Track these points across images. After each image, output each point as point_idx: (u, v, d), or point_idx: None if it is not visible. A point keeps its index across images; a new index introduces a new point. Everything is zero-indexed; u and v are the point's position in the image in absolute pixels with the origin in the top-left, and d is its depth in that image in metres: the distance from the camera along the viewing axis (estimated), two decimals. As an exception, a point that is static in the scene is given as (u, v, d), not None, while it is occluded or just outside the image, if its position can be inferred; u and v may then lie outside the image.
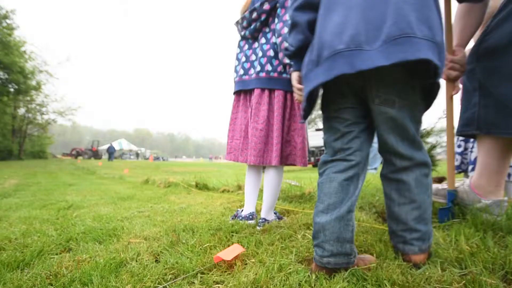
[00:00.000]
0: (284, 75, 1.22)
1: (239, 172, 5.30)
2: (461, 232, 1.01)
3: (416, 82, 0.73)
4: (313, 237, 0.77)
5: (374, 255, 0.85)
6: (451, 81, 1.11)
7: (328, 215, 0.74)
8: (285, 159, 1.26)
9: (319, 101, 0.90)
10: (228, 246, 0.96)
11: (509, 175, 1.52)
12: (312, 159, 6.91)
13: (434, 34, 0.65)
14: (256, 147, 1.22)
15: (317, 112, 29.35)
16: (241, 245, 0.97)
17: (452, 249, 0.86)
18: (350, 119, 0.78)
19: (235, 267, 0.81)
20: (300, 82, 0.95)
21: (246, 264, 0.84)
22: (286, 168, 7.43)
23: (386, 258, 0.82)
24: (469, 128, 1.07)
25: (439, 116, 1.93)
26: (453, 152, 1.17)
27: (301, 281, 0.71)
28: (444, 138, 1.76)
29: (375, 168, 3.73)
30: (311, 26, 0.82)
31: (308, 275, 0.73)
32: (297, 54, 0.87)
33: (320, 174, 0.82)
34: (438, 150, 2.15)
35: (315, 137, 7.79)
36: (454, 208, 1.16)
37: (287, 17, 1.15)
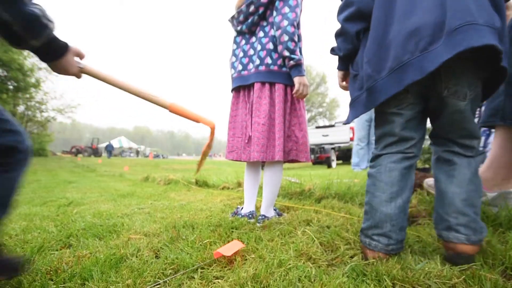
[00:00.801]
0: (284, 69, 1.20)
1: (238, 170, 5.30)
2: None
3: (480, 73, 0.74)
4: (375, 227, 0.80)
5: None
6: None
7: (392, 204, 0.78)
8: (287, 155, 1.24)
9: (318, 100, 0.92)
10: (228, 242, 0.97)
11: None
12: (312, 156, 6.89)
13: (494, 21, 0.66)
14: (259, 142, 1.19)
15: (317, 110, 29.39)
16: (241, 241, 0.97)
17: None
18: (410, 114, 0.80)
19: (235, 262, 0.81)
20: (344, 80, 1.01)
21: (246, 259, 0.84)
22: (286, 165, 7.43)
23: (389, 255, 0.82)
24: (494, 118, 1.05)
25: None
26: None
27: (300, 276, 0.71)
28: None
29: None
30: (359, 35, 0.85)
31: (308, 270, 0.73)
32: (345, 58, 0.92)
33: (373, 166, 0.85)
34: None
35: (315, 135, 7.77)
36: None
37: (286, 9, 1.13)
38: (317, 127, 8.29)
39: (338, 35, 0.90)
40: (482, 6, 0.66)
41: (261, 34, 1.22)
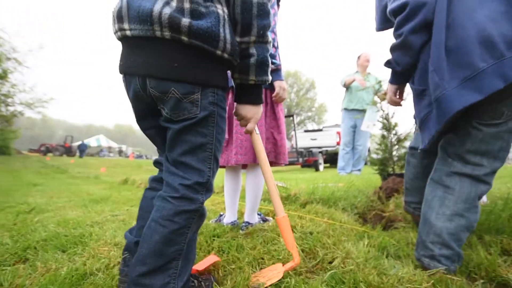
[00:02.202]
0: None
1: (224, 172, 5.20)
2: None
3: None
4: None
5: (355, 255, 0.85)
6: None
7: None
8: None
9: (307, 104, 0.92)
10: (208, 252, 0.92)
11: None
12: (301, 159, 6.97)
13: None
14: (242, 145, 1.17)
15: (306, 114, 30.11)
16: (222, 250, 0.93)
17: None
18: None
19: (216, 274, 0.77)
20: (396, 94, 0.99)
21: (226, 271, 0.80)
22: (274, 168, 7.42)
23: (367, 260, 0.83)
24: None
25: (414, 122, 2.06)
26: None
27: (279, 287, 0.68)
28: None
29: (359, 170, 3.86)
30: (423, 48, 0.79)
31: (288, 280, 0.71)
32: (403, 72, 0.87)
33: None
34: None
35: (304, 138, 7.87)
36: None
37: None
38: (306, 131, 8.42)
39: (398, 48, 0.80)
40: None
41: None
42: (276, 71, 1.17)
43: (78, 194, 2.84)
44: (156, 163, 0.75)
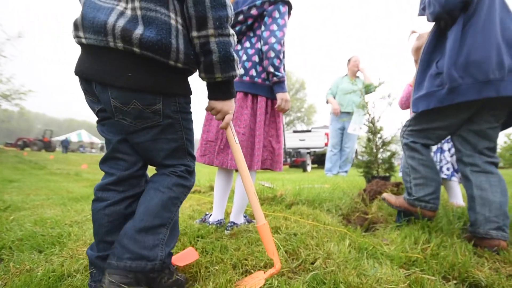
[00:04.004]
0: (267, 82, 1.23)
1: (212, 172, 5.16)
2: (411, 234, 1.12)
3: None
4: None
5: (336, 256, 0.88)
6: None
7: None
8: (262, 164, 1.27)
9: (296, 105, 0.96)
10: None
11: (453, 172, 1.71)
12: (289, 160, 7.04)
13: None
14: None
15: (295, 114, 30.40)
16: (206, 251, 0.93)
17: (401, 250, 0.94)
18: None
19: (199, 275, 0.77)
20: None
21: (209, 271, 0.80)
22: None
23: (347, 260, 0.86)
24: None
25: (399, 127, 2.15)
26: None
27: (262, 288, 0.70)
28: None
29: (346, 172, 3.95)
30: (466, 5, 1.01)
31: (271, 281, 0.73)
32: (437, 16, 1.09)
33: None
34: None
35: (292, 139, 7.95)
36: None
37: (274, 27, 1.17)
38: (295, 132, 8.51)
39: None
40: None
41: (247, 44, 1.24)
42: (279, 83, 1.20)
43: (57, 191, 2.72)
44: (106, 162, 0.71)
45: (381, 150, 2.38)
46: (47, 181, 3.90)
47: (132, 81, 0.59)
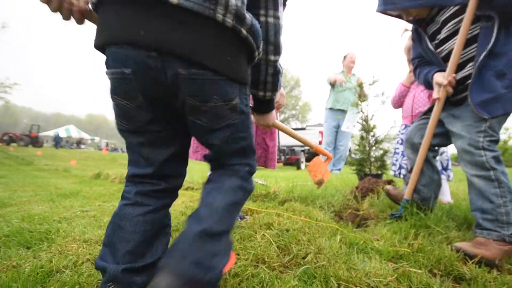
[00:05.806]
0: None
1: (205, 168, 5.13)
2: (400, 229, 1.15)
3: None
4: None
5: (326, 251, 0.90)
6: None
7: None
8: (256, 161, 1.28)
9: (291, 103, 0.99)
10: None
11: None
12: (283, 157, 7.07)
13: None
14: None
15: (290, 112, 30.44)
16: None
17: (390, 244, 0.97)
18: None
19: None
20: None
21: (202, 267, 0.80)
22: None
23: (338, 255, 0.88)
24: None
25: (391, 125, 2.19)
26: (421, 164, 1.26)
27: (255, 286, 0.71)
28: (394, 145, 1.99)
29: (339, 169, 3.98)
30: None
31: (262, 276, 0.74)
32: None
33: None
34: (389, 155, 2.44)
35: (286, 136, 7.97)
36: (401, 214, 1.31)
37: None
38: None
39: None
40: None
41: None
42: None
43: (45, 187, 2.64)
44: (135, 177, 0.58)
45: (374, 148, 2.42)
46: (35, 177, 3.78)
47: (229, 66, 0.51)
